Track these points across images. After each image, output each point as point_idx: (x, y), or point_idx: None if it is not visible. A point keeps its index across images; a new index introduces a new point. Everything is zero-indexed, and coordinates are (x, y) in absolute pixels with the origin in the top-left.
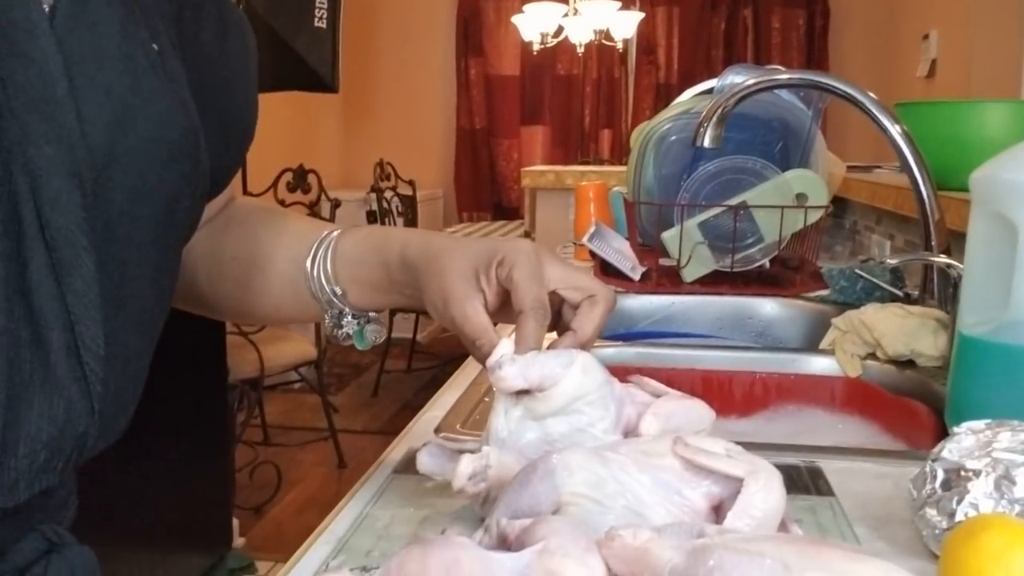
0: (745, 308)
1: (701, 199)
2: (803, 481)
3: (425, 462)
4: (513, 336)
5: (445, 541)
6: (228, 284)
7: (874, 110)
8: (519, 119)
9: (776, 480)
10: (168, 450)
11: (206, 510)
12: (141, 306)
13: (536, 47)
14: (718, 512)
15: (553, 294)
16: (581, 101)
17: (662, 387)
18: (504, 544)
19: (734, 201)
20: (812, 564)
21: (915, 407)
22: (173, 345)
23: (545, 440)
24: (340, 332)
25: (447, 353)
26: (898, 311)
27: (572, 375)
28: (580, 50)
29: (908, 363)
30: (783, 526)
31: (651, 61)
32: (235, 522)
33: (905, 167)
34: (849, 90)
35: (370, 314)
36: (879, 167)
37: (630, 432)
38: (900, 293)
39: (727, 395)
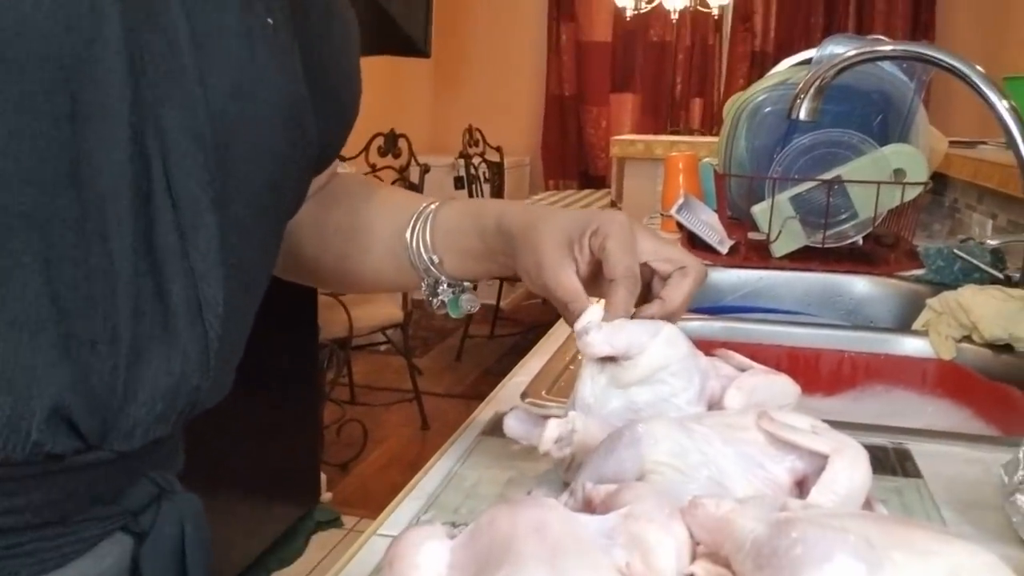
0: (835, 285)
1: (794, 173)
2: (890, 462)
3: (512, 426)
4: (602, 303)
5: (534, 501)
6: (331, 255)
7: (980, 84)
8: (609, 86)
9: (862, 458)
10: (262, 406)
11: (296, 465)
12: (252, 269)
13: (629, 13)
14: (801, 488)
15: (644, 267)
16: (673, 69)
17: (747, 361)
18: (588, 508)
19: (828, 175)
20: (897, 542)
21: (1010, 392)
22: (268, 303)
23: (629, 408)
24: (435, 300)
25: (530, 320)
26: (997, 294)
27: (657, 345)
28: (674, 16)
29: (1005, 347)
30: (867, 505)
31: (747, 28)
32: (323, 477)
33: (1011, 144)
34: (955, 63)
35: (465, 284)
36: (984, 143)
37: (714, 405)
38: (1000, 275)
39: (813, 373)
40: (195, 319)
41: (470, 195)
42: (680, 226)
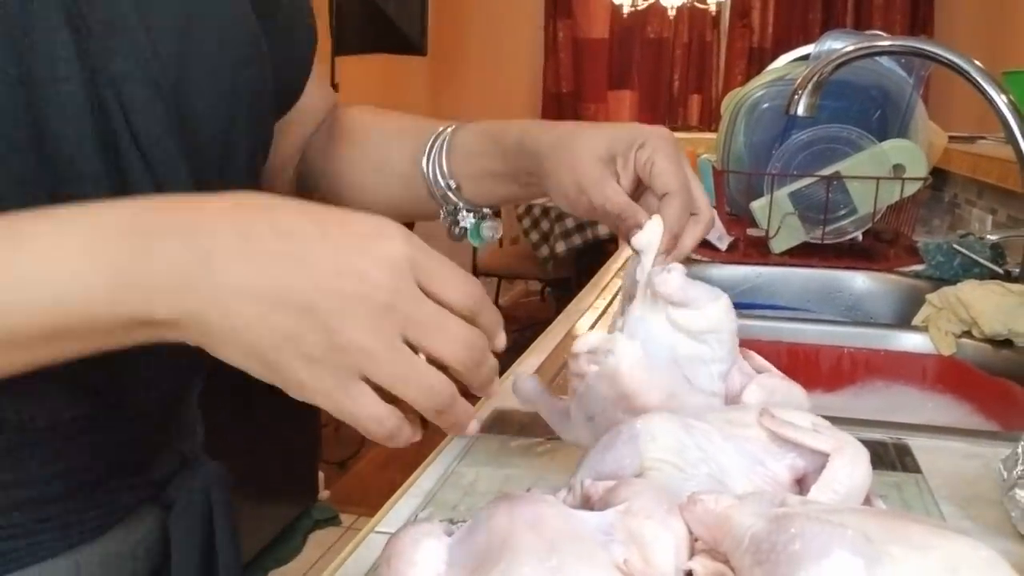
0: (834, 281)
1: (793, 169)
2: (889, 457)
3: (528, 388)
4: (657, 218)
5: (531, 497)
6: (344, 187)
7: (979, 78)
8: (607, 83)
9: (863, 456)
10: (259, 403)
11: (294, 463)
12: None
13: (626, 10)
14: (801, 485)
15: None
16: (671, 65)
17: (766, 363)
18: (587, 504)
19: (827, 171)
20: (895, 537)
21: (1010, 387)
22: None
23: (670, 347)
24: (456, 229)
25: (528, 318)
26: (997, 289)
27: (719, 307)
28: (671, 13)
29: (1005, 342)
30: (867, 500)
31: (745, 24)
32: (320, 475)
33: (1010, 139)
34: (953, 58)
35: (485, 211)
36: (983, 138)
37: (731, 398)
38: (1000, 270)
39: (813, 369)
40: None
41: None
42: None
